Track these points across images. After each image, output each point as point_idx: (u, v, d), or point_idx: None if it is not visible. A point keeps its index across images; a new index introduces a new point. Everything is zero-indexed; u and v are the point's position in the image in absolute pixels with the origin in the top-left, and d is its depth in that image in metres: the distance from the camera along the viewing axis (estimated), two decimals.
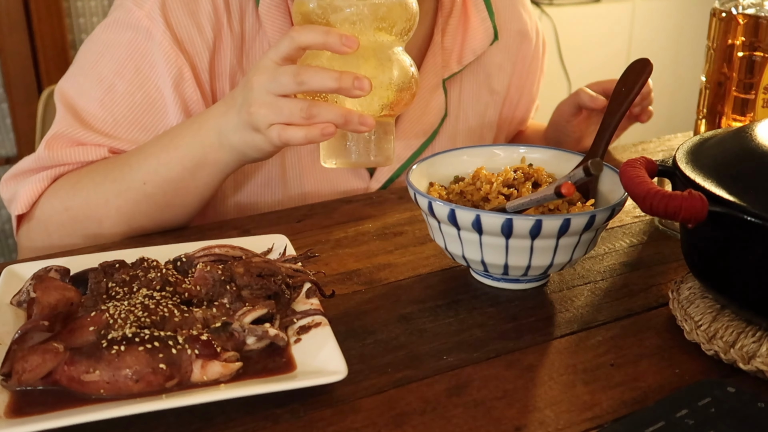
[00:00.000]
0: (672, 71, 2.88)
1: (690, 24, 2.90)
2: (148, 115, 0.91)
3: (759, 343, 0.61)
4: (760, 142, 0.63)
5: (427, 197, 0.69)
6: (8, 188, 0.92)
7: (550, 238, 0.66)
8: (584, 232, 0.67)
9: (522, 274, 0.70)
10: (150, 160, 0.84)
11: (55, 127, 0.90)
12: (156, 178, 0.84)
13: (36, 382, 0.56)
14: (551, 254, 0.67)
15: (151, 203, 0.85)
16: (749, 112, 0.89)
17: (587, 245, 0.69)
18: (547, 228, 0.64)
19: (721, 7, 0.90)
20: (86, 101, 0.90)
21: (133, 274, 0.67)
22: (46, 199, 0.88)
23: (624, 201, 0.69)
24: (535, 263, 0.68)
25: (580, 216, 0.65)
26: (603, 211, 0.66)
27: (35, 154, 0.90)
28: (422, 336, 0.66)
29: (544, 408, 0.57)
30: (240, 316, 0.62)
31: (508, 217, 0.64)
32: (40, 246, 0.89)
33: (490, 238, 0.66)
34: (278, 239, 0.77)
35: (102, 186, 0.85)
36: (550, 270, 0.70)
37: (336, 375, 0.56)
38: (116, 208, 0.85)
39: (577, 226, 0.65)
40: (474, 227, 0.66)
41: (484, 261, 0.69)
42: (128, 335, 0.57)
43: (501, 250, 0.67)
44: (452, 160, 0.80)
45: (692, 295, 0.68)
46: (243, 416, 0.56)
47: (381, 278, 0.76)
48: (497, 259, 0.68)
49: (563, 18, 2.59)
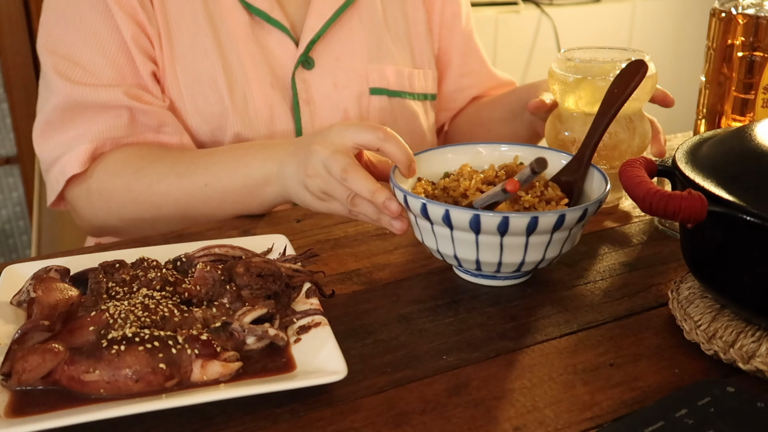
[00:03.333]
0: (672, 71, 2.88)
1: (690, 24, 2.90)
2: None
3: (758, 343, 0.61)
4: (760, 142, 0.63)
5: (403, 190, 0.70)
6: (46, 146, 0.96)
7: (519, 236, 0.66)
8: (555, 231, 0.67)
9: (495, 270, 0.71)
10: (218, 167, 0.90)
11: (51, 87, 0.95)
12: (218, 184, 0.90)
13: (36, 382, 0.56)
14: (522, 252, 0.68)
15: (207, 203, 0.91)
16: (749, 112, 0.89)
17: (561, 244, 0.70)
18: (514, 225, 0.65)
19: (721, 7, 0.90)
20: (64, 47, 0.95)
21: (133, 274, 0.67)
22: (107, 176, 0.94)
23: (601, 202, 0.69)
24: (506, 260, 0.69)
25: (548, 215, 0.65)
26: (573, 210, 0.67)
27: (53, 101, 0.95)
28: (422, 336, 0.66)
29: (543, 408, 0.57)
30: (240, 316, 0.62)
31: (476, 214, 0.65)
32: (100, 215, 0.96)
33: (461, 234, 0.68)
34: (278, 239, 0.77)
35: (167, 178, 0.92)
36: (524, 267, 0.70)
37: (336, 375, 0.56)
38: (175, 200, 0.92)
39: (546, 224, 0.66)
40: (445, 222, 0.67)
41: (457, 256, 0.70)
42: (128, 335, 0.57)
43: (472, 246, 0.68)
44: (438, 158, 0.81)
45: (692, 295, 0.68)
46: (243, 416, 0.56)
47: (381, 278, 0.76)
48: (469, 254, 0.69)
49: (563, 18, 2.59)
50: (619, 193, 0.94)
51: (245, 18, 1.01)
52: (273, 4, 1.02)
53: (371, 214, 0.76)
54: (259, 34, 1.02)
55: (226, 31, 1.00)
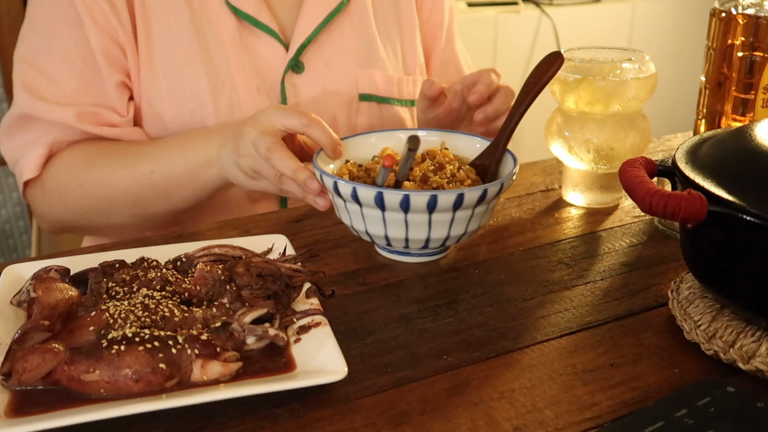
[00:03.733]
0: (672, 71, 2.88)
1: (690, 24, 2.90)
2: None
3: (758, 343, 0.61)
4: (760, 142, 0.63)
5: (319, 169, 0.76)
6: (9, 146, 1.00)
7: (447, 212, 0.72)
8: (477, 205, 0.73)
9: (422, 246, 0.76)
10: (163, 153, 0.94)
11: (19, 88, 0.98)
12: (163, 169, 0.93)
13: (36, 381, 0.56)
14: (447, 227, 0.74)
15: (154, 190, 0.94)
16: (749, 112, 0.89)
17: (480, 218, 0.76)
18: (442, 202, 0.71)
19: (721, 7, 0.90)
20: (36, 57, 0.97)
21: (133, 274, 0.67)
22: (60, 174, 0.97)
23: (503, 184, 0.74)
24: (433, 236, 0.74)
25: (448, 193, 0.71)
26: (494, 185, 0.73)
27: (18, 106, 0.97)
28: (422, 336, 0.66)
29: (543, 408, 0.57)
30: (240, 315, 0.62)
31: (380, 191, 0.71)
32: (57, 212, 1.00)
33: (369, 211, 0.73)
34: (278, 239, 0.77)
35: (115, 169, 0.95)
36: (448, 242, 0.76)
37: (336, 375, 0.56)
38: (125, 189, 0.95)
39: (470, 200, 0.72)
40: (354, 199, 0.73)
41: (369, 232, 0.76)
42: (128, 335, 0.57)
43: (379, 222, 0.74)
44: (365, 143, 0.87)
45: (692, 295, 0.68)
46: (243, 416, 0.56)
47: (381, 278, 0.76)
48: (377, 230, 0.75)
49: (563, 18, 2.59)
50: (619, 193, 0.94)
51: (233, 23, 1.00)
52: (261, 8, 1.01)
53: (297, 192, 0.82)
54: (247, 39, 1.02)
55: (214, 37, 1.00)
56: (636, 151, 0.90)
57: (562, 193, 0.96)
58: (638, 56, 0.90)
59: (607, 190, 0.93)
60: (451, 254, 0.81)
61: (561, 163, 0.95)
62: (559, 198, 0.96)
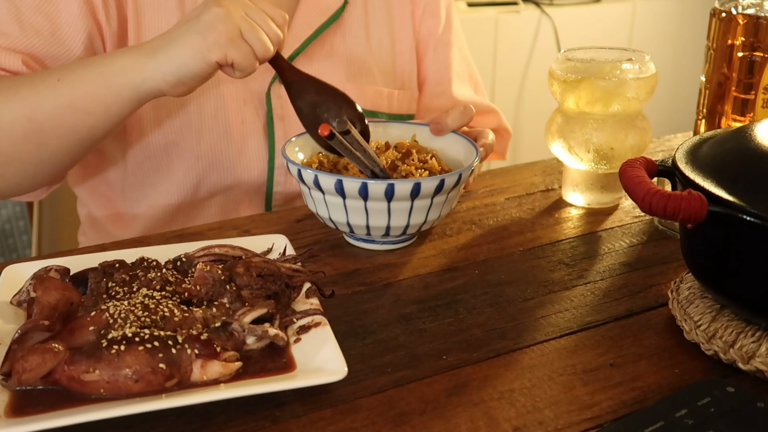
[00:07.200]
0: (672, 71, 2.88)
1: (690, 24, 2.90)
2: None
3: (758, 343, 0.61)
4: (760, 142, 0.63)
5: (286, 158, 0.78)
6: None
7: (405, 201, 0.74)
8: (436, 195, 0.75)
9: (383, 234, 0.78)
10: (77, 64, 0.85)
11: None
12: (71, 75, 0.84)
13: (36, 381, 0.56)
14: (407, 215, 0.76)
15: (56, 100, 0.84)
16: (749, 112, 0.89)
17: (440, 208, 0.78)
18: (399, 191, 0.73)
19: (721, 8, 0.90)
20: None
21: (133, 273, 0.67)
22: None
23: (471, 168, 0.78)
24: (393, 224, 0.77)
25: (430, 180, 0.74)
26: (451, 175, 0.75)
27: None
28: (422, 336, 0.66)
29: (543, 408, 0.57)
30: (240, 315, 0.62)
31: (364, 182, 0.73)
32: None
33: (331, 198, 0.76)
34: (278, 239, 0.77)
35: (20, 87, 0.84)
36: (409, 230, 0.78)
37: (336, 375, 0.56)
38: (24, 105, 0.84)
39: (427, 189, 0.74)
40: (316, 186, 0.75)
41: (332, 219, 0.78)
42: (128, 335, 0.57)
43: (341, 209, 0.76)
44: None
45: (692, 295, 0.68)
46: (243, 416, 0.56)
47: (381, 278, 0.76)
48: (340, 217, 0.77)
49: (563, 18, 2.59)
50: (619, 193, 0.94)
51: None
52: None
53: (273, 37, 0.82)
54: None
55: None
56: (636, 151, 0.90)
57: (562, 193, 0.96)
58: (638, 56, 0.90)
59: (607, 190, 0.93)
60: (451, 254, 0.81)
61: (561, 163, 0.95)
62: (559, 198, 0.96)
